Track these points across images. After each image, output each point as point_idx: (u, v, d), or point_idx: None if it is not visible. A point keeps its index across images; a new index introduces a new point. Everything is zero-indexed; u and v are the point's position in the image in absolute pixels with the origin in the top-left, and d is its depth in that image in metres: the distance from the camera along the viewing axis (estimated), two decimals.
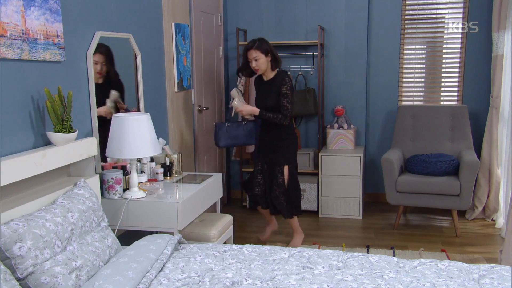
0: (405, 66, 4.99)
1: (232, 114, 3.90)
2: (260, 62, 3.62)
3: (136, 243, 2.44)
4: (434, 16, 4.85)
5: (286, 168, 3.73)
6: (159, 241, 2.46)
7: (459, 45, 4.81)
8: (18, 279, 1.91)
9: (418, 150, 4.63)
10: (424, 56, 4.97)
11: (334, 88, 5.07)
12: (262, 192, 3.80)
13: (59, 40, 2.49)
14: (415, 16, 4.89)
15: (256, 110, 3.65)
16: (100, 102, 2.93)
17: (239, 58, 4.96)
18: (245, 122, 3.84)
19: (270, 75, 3.72)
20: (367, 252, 3.79)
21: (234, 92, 3.77)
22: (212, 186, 3.28)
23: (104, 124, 2.90)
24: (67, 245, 2.12)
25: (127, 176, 2.95)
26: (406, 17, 4.90)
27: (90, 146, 2.65)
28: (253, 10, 5.10)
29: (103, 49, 2.95)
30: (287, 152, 3.74)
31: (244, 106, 3.72)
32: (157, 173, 3.25)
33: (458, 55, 4.83)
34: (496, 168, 4.46)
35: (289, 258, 2.40)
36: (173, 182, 3.23)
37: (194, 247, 2.56)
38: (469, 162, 4.08)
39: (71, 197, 2.34)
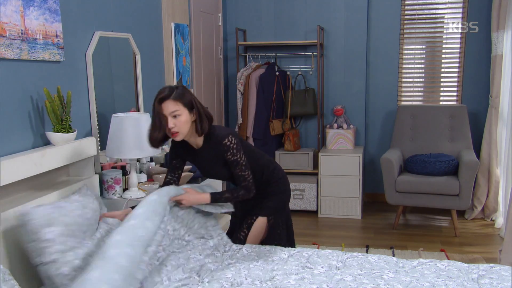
0: (404, 66, 4.99)
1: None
2: (182, 120, 2.31)
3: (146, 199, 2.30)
4: (434, 16, 4.86)
5: (261, 220, 2.66)
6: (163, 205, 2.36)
7: (459, 45, 4.81)
8: (41, 264, 1.91)
9: (418, 150, 4.63)
10: (423, 56, 4.97)
11: (334, 88, 5.07)
12: None
13: (58, 40, 2.49)
14: (415, 16, 4.89)
15: (206, 198, 2.46)
16: None
17: (238, 58, 4.96)
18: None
19: (198, 141, 2.47)
20: (367, 252, 3.79)
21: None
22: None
23: None
24: (85, 239, 2.11)
25: (126, 176, 2.95)
26: (406, 17, 4.90)
27: (90, 146, 2.65)
28: (252, 10, 5.10)
29: None
30: (272, 201, 2.68)
31: (186, 195, 2.42)
32: None
33: (458, 55, 4.83)
34: (496, 168, 4.46)
35: (288, 258, 2.40)
36: None
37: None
38: (469, 162, 4.09)
39: (84, 195, 2.33)
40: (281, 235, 2.77)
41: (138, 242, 2.00)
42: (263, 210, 2.66)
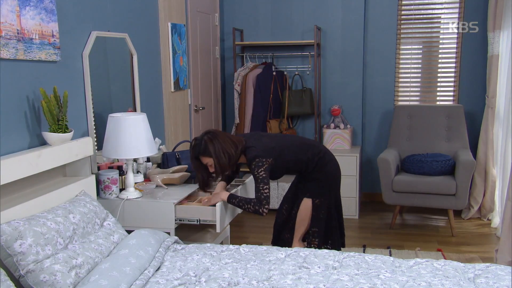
0: (401, 66, 5.00)
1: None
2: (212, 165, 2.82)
3: (137, 231, 2.49)
4: (430, 16, 4.86)
5: (307, 201, 3.04)
6: (158, 237, 2.50)
7: (455, 45, 4.82)
8: (20, 277, 1.94)
9: (414, 150, 4.64)
10: (420, 56, 4.97)
11: (331, 88, 5.07)
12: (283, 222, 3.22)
13: (54, 40, 2.49)
14: (411, 16, 4.90)
15: (224, 196, 2.83)
16: None
17: (235, 58, 4.96)
18: None
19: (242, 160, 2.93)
20: (363, 252, 3.79)
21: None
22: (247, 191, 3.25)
23: None
24: (69, 244, 2.14)
25: (123, 176, 2.95)
26: (402, 17, 4.91)
27: (86, 146, 2.64)
28: (249, 10, 5.10)
29: None
30: (314, 185, 3.04)
31: (213, 197, 2.87)
32: None
33: (454, 55, 4.84)
34: (492, 168, 4.47)
35: (285, 258, 2.40)
36: None
37: (192, 246, 2.57)
38: (465, 162, 4.09)
39: (72, 201, 2.40)
40: (322, 218, 3.05)
41: (127, 267, 2.09)
42: (306, 192, 3.04)
